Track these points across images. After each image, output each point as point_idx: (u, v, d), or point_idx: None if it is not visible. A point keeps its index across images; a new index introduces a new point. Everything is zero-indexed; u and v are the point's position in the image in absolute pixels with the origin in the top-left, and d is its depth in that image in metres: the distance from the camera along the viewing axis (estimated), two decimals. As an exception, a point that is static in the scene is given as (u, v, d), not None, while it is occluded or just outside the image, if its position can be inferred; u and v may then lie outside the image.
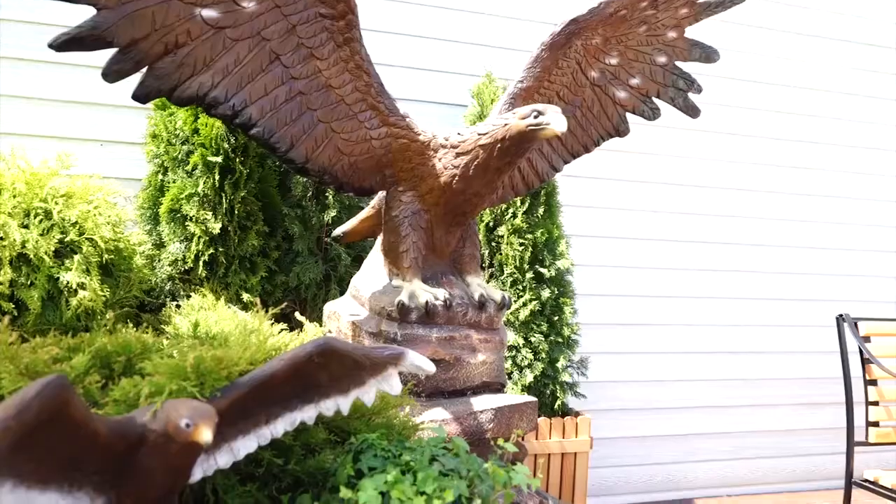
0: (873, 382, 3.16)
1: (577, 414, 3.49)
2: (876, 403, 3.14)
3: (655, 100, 2.79)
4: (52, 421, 1.11)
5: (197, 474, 1.41)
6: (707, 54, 2.74)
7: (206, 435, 1.21)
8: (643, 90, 2.74)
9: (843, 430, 3.19)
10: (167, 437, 1.24)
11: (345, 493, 1.54)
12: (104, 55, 1.76)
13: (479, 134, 2.20)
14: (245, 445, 1.49)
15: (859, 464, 3.09)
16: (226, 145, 2.84)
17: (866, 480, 3.03)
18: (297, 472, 1.70)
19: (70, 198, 2.35)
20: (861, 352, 3.14)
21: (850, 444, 3.11)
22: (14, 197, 2.25)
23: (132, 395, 1.45)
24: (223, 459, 1.46)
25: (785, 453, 4.54)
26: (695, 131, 4.23)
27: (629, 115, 2.77)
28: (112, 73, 1.79)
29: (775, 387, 4.49)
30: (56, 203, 2.29)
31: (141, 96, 1.88)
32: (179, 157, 2.90)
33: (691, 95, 2.80)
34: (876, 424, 3.13)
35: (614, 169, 4.13)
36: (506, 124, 2.13)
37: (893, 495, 2.88)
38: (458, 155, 2.24)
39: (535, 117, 2.07)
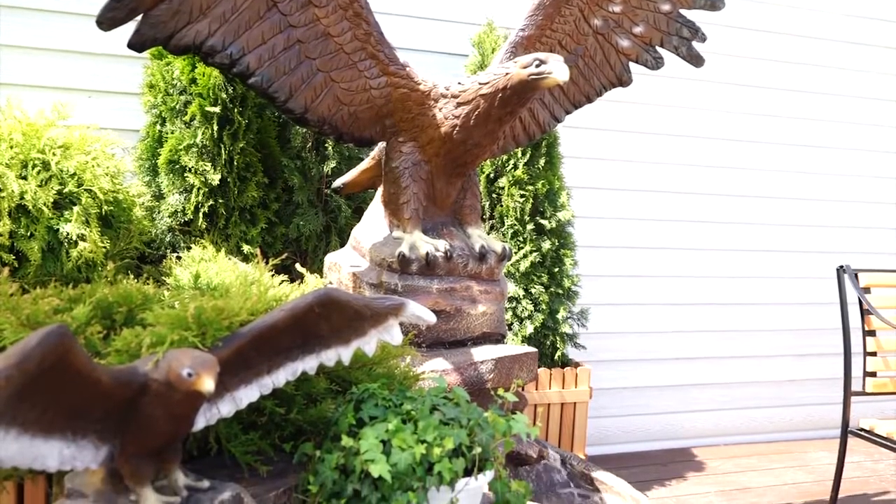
0: (872, 333, 3.17)
1: (576, 365, 3.52)
2: (874, 354, 3.16)
3: (659, 49, 2.74)
4: (55, 369, 1.11)
5: (200, 423, 1.42)
6: (712, 2, 2.69)
7: (207, 384, 1.22)
8: (646, 38, 2.70)
9: (840, 381, 3.22)
10: (169, 387, 1.24)
11: (346, 441, 1.55)
12: (98, 2, 1.72)
13: (480, 83, 2.17)
14: (247, 395, 1.50)
15: (856, 413, 3.12)
16: (224, 95, 2.81)
17: (862, 429, 3.07)
18: (300, 421, 1.72)
19: (68, 149, 2.33)
20: (860, 303, 3.15)
21: (847, 393, 3.13)
22: (11, 148, 2.23)
23: (134, 346, 1.45)
24: (226, 408, 1.47)
25: (782, 403, 4.59)
26: (698, 81, 4.18)
27: (632, 65, 2.74)
28: (106, 21, 1.76)
29: (774, 338, 4.52)
30: (54, 154, 2.27)
31: (136, 45, 1.85)
32: (177, 107, 2.87)
33: (695, 44, 2.76)
34: (873, 374, 3.15)
35: (617, 120, 4.10)
36: (507, 73, 2.10)
37: (888, 444, 2.92)
38: (458, 105, 2.22)
39: (537, 66, 2.04)
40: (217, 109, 2.78)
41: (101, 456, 1.29)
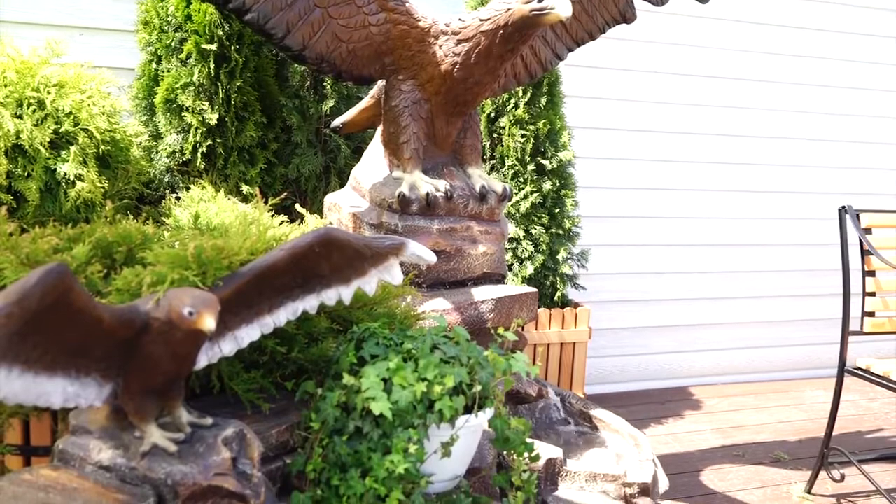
0: (871, 273, 3.17)
1: (576, 305, 3.53)
2: (873, 294, 3.16)
3: (664, -16, 2.69)
4: (55, 307, 1.12)
5: (202, 362, 1.43)
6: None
7: (208, 322, 1.22)
8: (652, -27, 2.64)
9: (838, 321, 3.24)
10: (171, 325, 1.25)
11: (348, 379, 1.57)
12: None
13: (481, 19, 2.13)
14: (248, 334, 1.50)
15: (853, 353, 3.14)
16: (220, 32, 2.75)
17: (858, 368, 3.09)
18: (301, 360, 1.73)
19: (62, 87, 2.30)
20: (861, 243, 3.14)
21: (845, 333, 3.15)
22: (5, 86, 2.20)
23: (134, 285, 1.45)
24: (227, 347, 1.47)
25: (780, 343, 4.63)
26: (703, 19, 4.11)
27: (636, 1, 2.68)
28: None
29: (774, 278, 4.54)
30: (49, 92, 2.24)
31: (129, -21, 1.81)
32: (173, 45, 2.82)
33: (701, -21, 2.70)
34: (871, 315, 3.16)
35: (620, 58, 4.03)
36: (508, 9, 2.06)
37: (884, 382, 2.94)
38: (459, 42, 2.18)
39: (539, 1, 2.00)
40: (213, 47, 2.74)
41: (105, 394, 1.30)
